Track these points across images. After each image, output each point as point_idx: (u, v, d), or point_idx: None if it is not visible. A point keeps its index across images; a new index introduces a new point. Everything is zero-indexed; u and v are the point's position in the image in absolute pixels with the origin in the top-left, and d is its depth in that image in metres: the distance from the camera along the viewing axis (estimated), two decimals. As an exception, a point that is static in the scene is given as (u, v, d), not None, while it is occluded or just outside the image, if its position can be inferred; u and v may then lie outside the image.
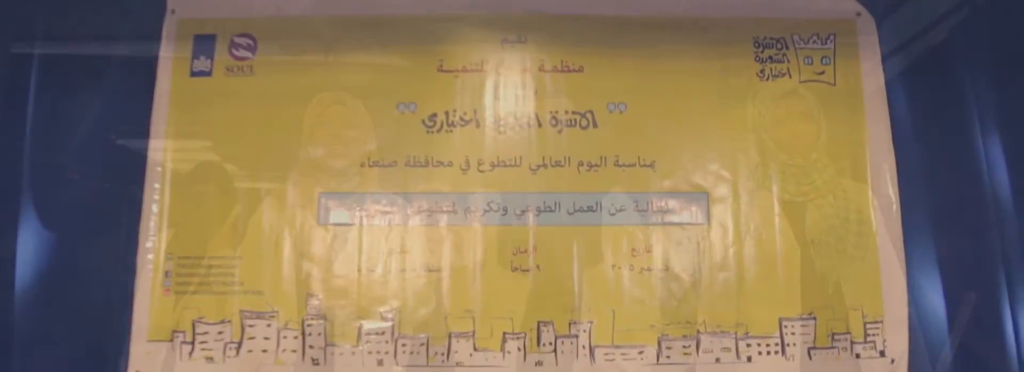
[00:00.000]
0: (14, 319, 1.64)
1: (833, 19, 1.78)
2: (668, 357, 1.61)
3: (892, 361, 1.64)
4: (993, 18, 1.84)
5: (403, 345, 1.60)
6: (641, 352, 1.61)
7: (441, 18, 1.74)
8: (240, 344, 1.59)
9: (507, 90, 1.73)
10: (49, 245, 1.68)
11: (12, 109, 1.75)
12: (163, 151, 1.68)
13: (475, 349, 1.60)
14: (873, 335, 1.65)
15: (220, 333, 1.60)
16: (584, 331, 1.61)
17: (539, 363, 1.59)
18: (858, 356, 1.64)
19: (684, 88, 1.73)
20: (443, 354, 1.59)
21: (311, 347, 1.59)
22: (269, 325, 1.60)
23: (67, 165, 1.72)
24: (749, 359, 1.63)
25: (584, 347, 1.61)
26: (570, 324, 1.61)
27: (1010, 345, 1.69)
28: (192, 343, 1.60)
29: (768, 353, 1.63)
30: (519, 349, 1.60)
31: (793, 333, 1.64)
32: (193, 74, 1.72)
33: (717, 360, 1.62)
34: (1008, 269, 1.72)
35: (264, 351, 1.59)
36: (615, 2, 1.76)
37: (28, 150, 1.72)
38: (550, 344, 1.60)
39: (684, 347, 1.62)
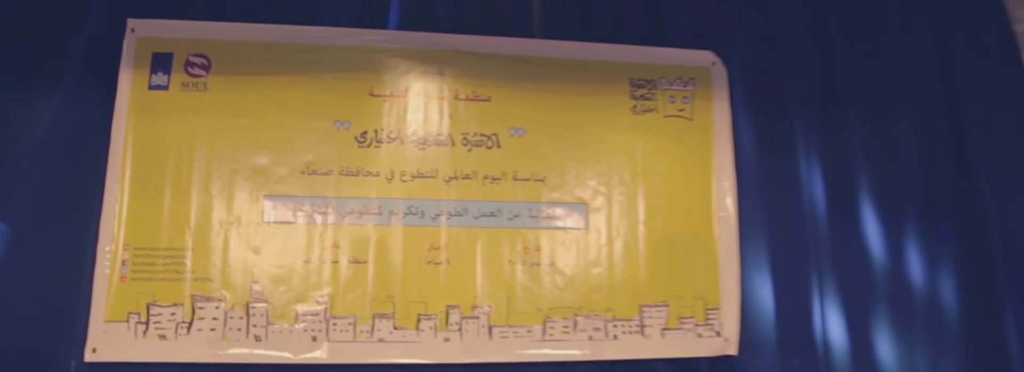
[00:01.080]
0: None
1: (694, 66, 2.16)
2: (551, 335, 1.93)
3: (726, 340, 2.01)
4: (819, 70, 2.25)
5: (334, 324, 1.84)
6: (529, 331, 1.92)
7: (374, 50, 2.01)
8: (191, 324, 1.80)
9: (427, 114, 2.01)
10: (8, 236, 1.80)
11: None
12: (122, 154, 1.85)
13: (395, 328, 1.87)
14: (712, 319, 2.02)
15: (173, 314, 1.80)
16: (484, 313, 1.91)
17: (447, 339, 1.88)
18: (700, 336, 2.01)
19: (572, 118, 2.06)
20: (368, 332, 1.85)
21: (254, 326, 1.81)
22: (218, 307, 1.81)
23: (28, 164, 1.84)
24: (615, 337, 1.96)
25: (484, 327, 1.91)
26: (473, 308, 1.91)
27: (817, 326, 2.08)
28: (146, 323, 1.78)
29: (630, 333, 1.97)
30: (431, 328, 1.88)
31: (650, 317, 1.99)
32: (151, 87, 1.90)
33: (590, 338, 1.95)
34: (818, 268, 2.12)
35: (213, 330, 1.80)
36: (519, 44, 2.09)
37: None
38: (457, 324, 1.89)
39: (564, 327, 1.94)
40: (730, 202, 2.10)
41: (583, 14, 2.18)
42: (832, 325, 2.10)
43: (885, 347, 2.11)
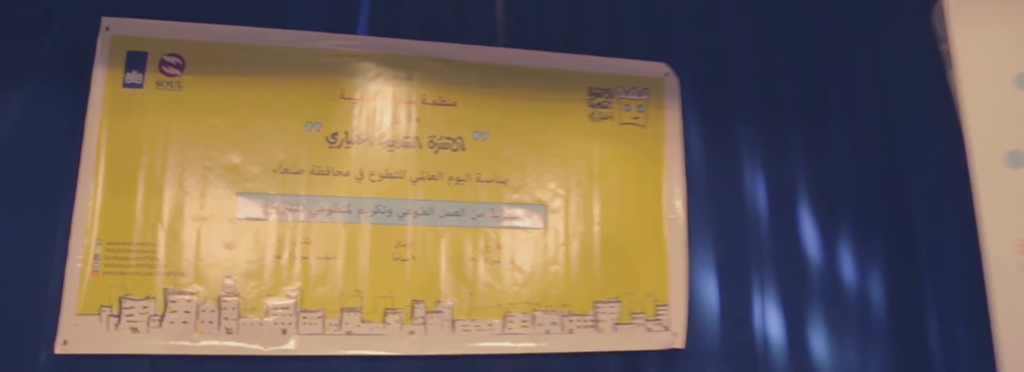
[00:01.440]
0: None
1: (648, 77, 2.28)
2: (510, 329, 2.02)
3: (673, 334, 2.12)
4: (763, 83, 2.39)
5: (303, 318, 1.90)
6: (490, 325, 2.01)
7: (345, 54, 2.08)
8: (163, 317, 1.83)
9: (396, 117, 2.08)
10: None
11: None
12: (96, 150, 1.87)
13: (362, 321, 1.93)
14: (661, 315, 2.13)
15: (145, 308, 1.83)
16: (448, 308, 1.99)
17: (412, 332, 1.96)
18: (649, 330, 2.12)
19: (533, 123, 2.16)
20: (336, 325, 1.91)
21: (226, 319, 1.86)
22: (190, 300, 1.85)
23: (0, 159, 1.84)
24: (571, 331, 2.06)
25: (447, 320, 1.99)
26: (437, 302, 1.99)
27: (756, 321, 2.21)
28: (118, 316, 1.81)
29: (585, 327, 2.07)
30: (397, 321, 1.95)
31: (604, 312, 2.09)
32: (125, 85, 1.93)
33: (547, 332, 2.04)
34: (759, 267, 2.25)
35: (185, 323, 1.84)
36: (484, 52, 2.18)
37: None
38: (422, 318, 1.97)
39: (523, 321, 2.03)
40: (679, 205, 2.22)
41: (545, 25, 2.27)
42: (771, 320, 2.23)
43: (818, 341, 2.26)
